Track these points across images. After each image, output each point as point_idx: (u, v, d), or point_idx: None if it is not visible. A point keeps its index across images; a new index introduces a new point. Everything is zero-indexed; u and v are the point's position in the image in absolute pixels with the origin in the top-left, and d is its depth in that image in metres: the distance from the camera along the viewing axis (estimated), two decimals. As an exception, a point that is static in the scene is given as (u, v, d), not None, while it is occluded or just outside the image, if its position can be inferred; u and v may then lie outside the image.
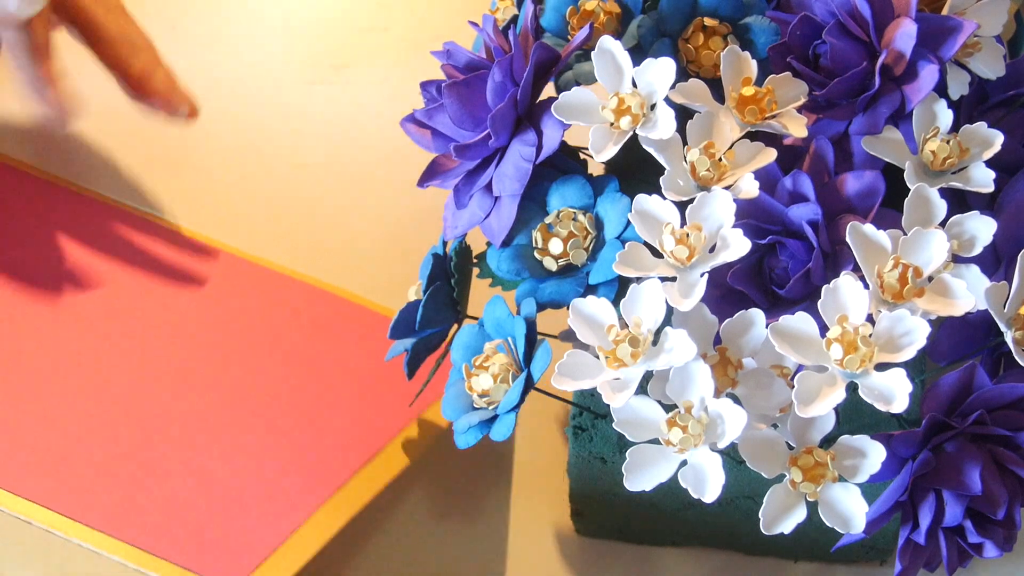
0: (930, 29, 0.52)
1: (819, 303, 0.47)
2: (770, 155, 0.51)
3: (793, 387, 0.46)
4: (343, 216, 0.82)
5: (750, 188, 0.49)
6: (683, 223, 0.49)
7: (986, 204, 0.53)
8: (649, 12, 0.56)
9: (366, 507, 0.62)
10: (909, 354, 0.46)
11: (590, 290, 0.52)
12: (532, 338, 0.51)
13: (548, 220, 0.53)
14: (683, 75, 0.55)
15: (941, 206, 0.49)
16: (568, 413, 0.60)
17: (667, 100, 0.51)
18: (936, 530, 0.49)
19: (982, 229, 0.49)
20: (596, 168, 0.56)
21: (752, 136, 0.52)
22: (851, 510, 0.47)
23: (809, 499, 0.48)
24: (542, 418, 0.71)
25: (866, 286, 0.47)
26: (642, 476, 0.48)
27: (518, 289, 0.53)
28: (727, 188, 0.50)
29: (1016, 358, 0.48)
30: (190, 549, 0.57)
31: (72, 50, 0.77)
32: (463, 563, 0.68)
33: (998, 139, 0.52)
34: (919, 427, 0.48)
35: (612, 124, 0.51)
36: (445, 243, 0.56)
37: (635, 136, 0.51)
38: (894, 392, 0.46)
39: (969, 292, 0.47)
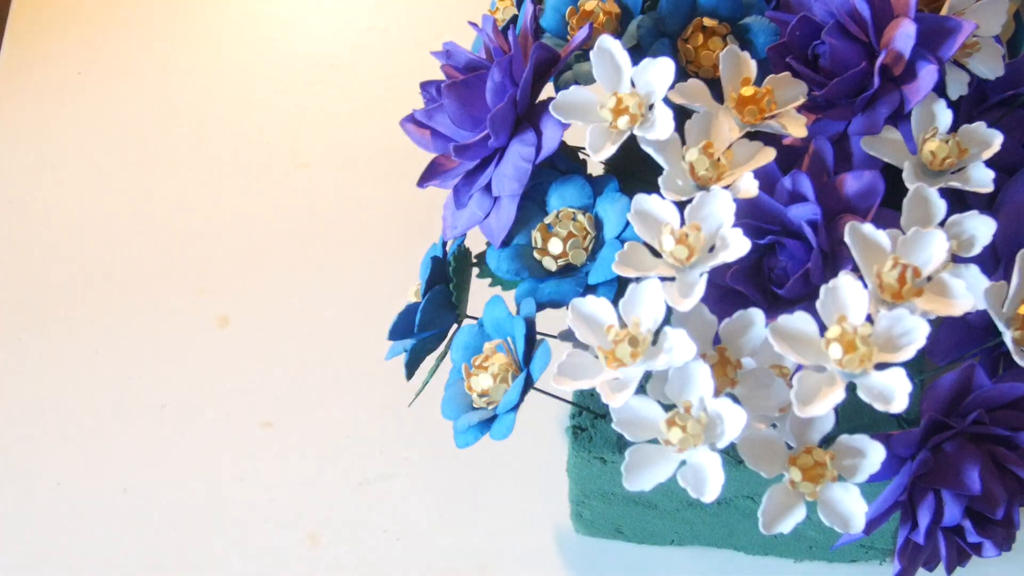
0: (929, 29, 0.52)
1: (818, 303, 0.47)
2: (769, 155, 0.51)
3: (792, 387, 0.46)
4: (343, 216, 0.82)
5: (749, 188, 0.49)
6: (682, 223, 0.49)
7: (985, 204, 0.53)
8: (648, 12, 0.56)
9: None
10: (908, 354, 0.46)
11: (589, 290, 0.52)
12: (532, 338, 0.51)
13: (547, 220, 0.53)
14: (682, 75, 0.55)
15: (940, 206, 0.49)
16: (568, 413, 0.60)
17: (666, 100, 0.51)
18: (935, 530, 0.49)
19: (981, 229, 0.49)
20: (596, 168, 0.56)
21: (751, 136, 0.52)
22: (850, 510, 0.47)
23: (808, 499, 0.48)
24: (542, 418, 0.71)
25: (865, 286, 0.47)
26: (641, 476, 0.48)
27: (517, 289, 0.53)
28: (726, 188, 0.50)
29: (1015, 358, 0.48)
30: None
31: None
32: (463, 562, 0.68)
33: (997, 139, 0.52)
34: (918, 427, 0.48)
35: (610, 124, 0.51)
36: (444, 244, 0.56)
37: (634, 136, 0.51)
38: (893, 392, 0.46)
39: (968, 292, 0.47)
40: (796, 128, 0.51)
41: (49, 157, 0.85)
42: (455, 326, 0.56)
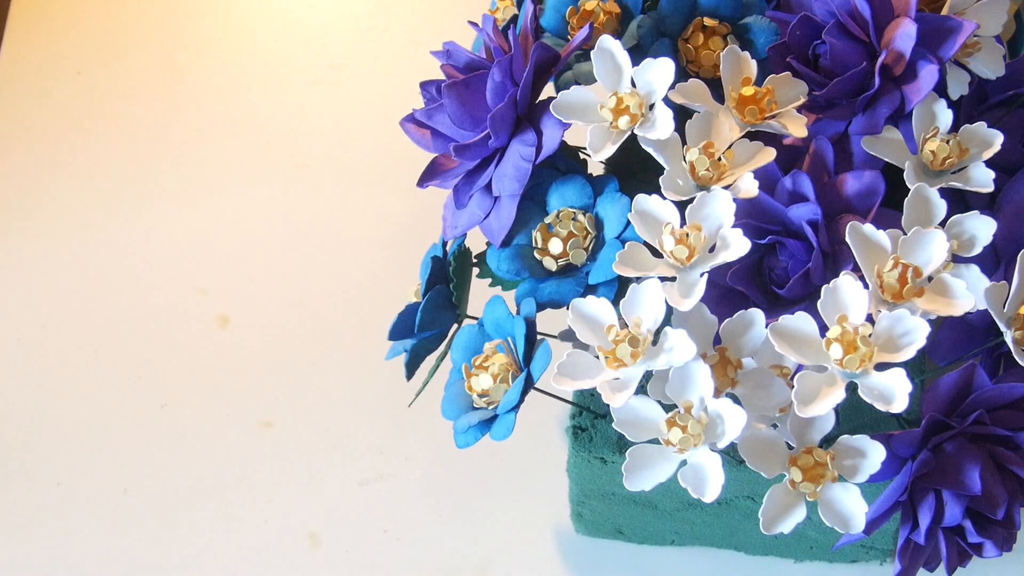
0: (930, 29, 0.52)
1: (819, 303, 0.47)
2: (769, 155, 0.51)
3: (793, 387, 0.46)
4: (343, 216, 0.82)
5: (750, 188, 0.49)
6: (683, 223, 0.49)
7: (986, 204, 0.53)
8: (649, 12, 0.56)
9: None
10: (909, 354, 0.46)
11: (590, 290, 0.52)
12: (532, 338, 0.51)
13: (548, 220, 0.53)
14: (683, 75, 0.55)
15: (941, 206, 0.49)
16: (568, 413, 0.60)
17: (666, 100, 0.51)
18: (936, 530, 0.49)
19: (982, 229, 0.49)
20: (596, 168, 0.56)
21: (752, 136, 0.52)
22: (851, 510, 0.47)
23: (809, 499, 0.48)
24: (542, 418, 0.71)
25: (866, 286, 0.47)
26: (642, 476, 0.48)
27: (518, 289, 0.53)
28: (727, 188, 0.50)
29: (1016, 358, 0.48)
30: None
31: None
32: (463, 562, 0.68)
33: (998, 139, 0.52)
34: (919, 427, 0.48)
35: (610, 124, 0.51)
36: (444, 244, 0.56)
37: (635, 136, 0.51)
38: (894, 392, 0.46)
39: (969, 292, 0.47)
40: (796, 128, 0.51)
41: (49, 157, 0.85)
42: (455, 326, 0.56)
